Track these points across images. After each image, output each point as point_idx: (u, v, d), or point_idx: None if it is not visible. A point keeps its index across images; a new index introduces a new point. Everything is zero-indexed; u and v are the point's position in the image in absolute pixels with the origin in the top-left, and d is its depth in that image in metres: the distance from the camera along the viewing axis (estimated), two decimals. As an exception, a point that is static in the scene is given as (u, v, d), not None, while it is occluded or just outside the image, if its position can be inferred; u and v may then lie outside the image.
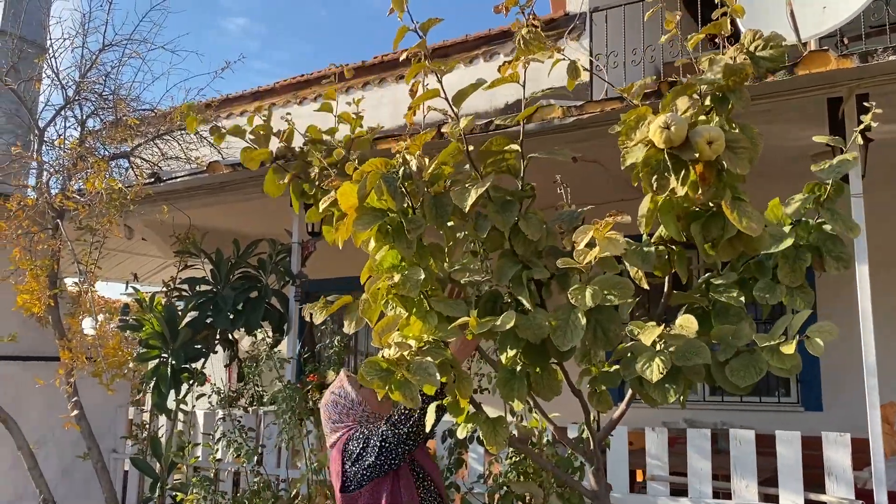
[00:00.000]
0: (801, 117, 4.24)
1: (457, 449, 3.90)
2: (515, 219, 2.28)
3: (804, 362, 5.87)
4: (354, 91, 8.25)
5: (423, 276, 2.26)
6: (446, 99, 2.33)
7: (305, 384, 4.82)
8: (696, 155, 1.99)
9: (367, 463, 2.48)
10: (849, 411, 3.47)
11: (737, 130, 2.09)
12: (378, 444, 2.49)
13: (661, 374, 2.03)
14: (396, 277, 2.27)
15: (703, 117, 2.10)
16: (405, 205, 2.33)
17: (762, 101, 3.80)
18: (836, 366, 6.07)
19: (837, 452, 3.34)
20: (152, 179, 5.37)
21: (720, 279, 2.37)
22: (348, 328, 2.46)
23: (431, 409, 2.69)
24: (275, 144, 2.94)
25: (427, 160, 2.39)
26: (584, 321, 2.09)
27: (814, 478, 3.53)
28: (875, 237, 3.53)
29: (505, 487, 3.63)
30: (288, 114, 2.98)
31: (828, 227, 2.22)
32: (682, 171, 2.08)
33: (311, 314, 2.47)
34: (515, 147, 2.42)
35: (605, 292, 2.09)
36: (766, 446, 3.68)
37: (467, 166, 2.40)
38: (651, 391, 2.15)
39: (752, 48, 2.11)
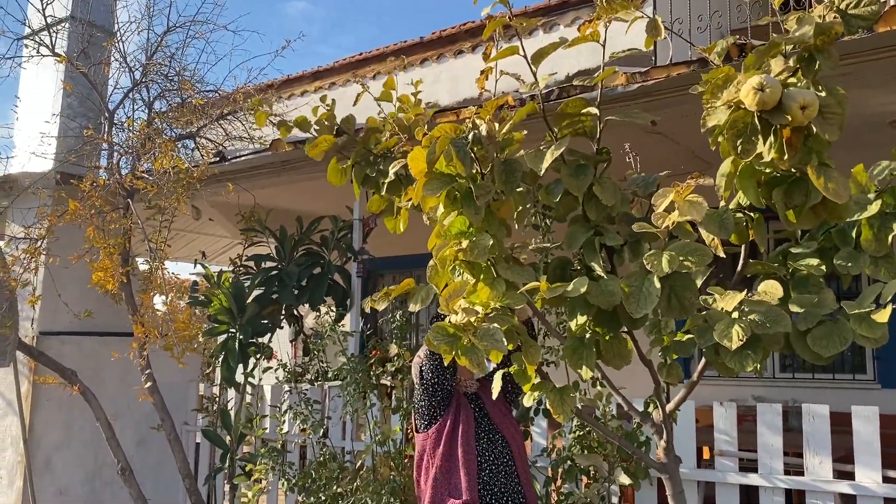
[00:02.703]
0: (880, 82, 4.04)
1: (521, 422, 3.89)
2: (590, 183, 2.23)
3: (882, 337, 5.44)
4: (413, 68, 8.24)
5: (490, 243, 2.25)
6: (525, 57, 2.30)
7: (368, 358, 4.88)
8: (789, 119, 1.90)
9: (420, 405, 3.01)
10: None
11: (823, 93, 2.00)
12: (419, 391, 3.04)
13: (741, 341, 1.97)
14: (464, 243, 2.27)
15: (792, 79, 2.01)
16: (474, 170, 2.32)
17: (840, 64, 3.64)
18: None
19: (918, 428, 3.21)
20: (217, 159, 5.48)
21: (799, 248, 2.28)
22: (413, 307, 2.47)
23: (498, 376, 2.72)
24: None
25: (498, 125, 2.36)
26: (658, 288, 2.05)
27: (890, 458, 3.39)
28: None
29: (569, 461, 3.61)
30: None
31: None
32: (771, 136, 2.00)
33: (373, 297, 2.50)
34: (594, 110, 2.37)
35: (682, 258, 2.03)
36: (838, 424, 3.56)
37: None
38: (728, 360, 2.09)
39: (842, 6, 2.00)
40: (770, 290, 2.03)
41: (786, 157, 2.00)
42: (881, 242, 2.15)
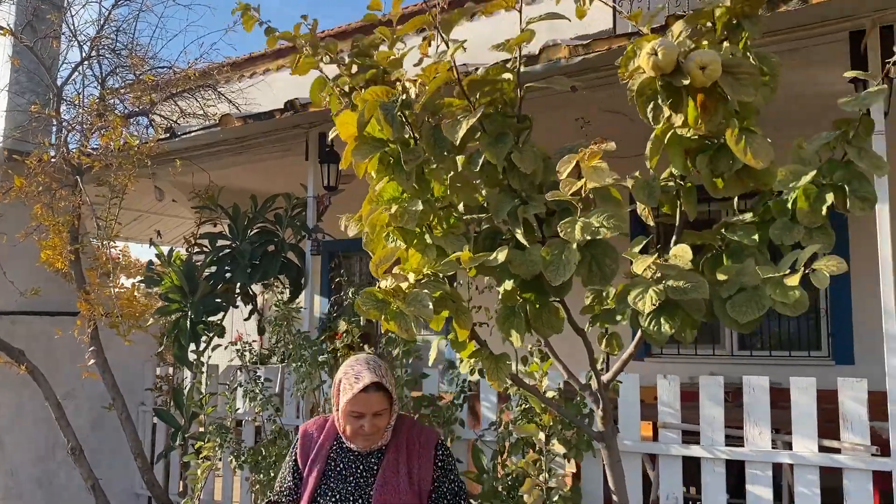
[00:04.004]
0: (827, 59, 4.06)
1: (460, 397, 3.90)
2: (508, 151, 2.21)
3: (836, 315, 5.72)
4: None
5: (421, 208, 2.23)
6: (436, 27, 2.28)
7: (322, 335, 4.85)
8: (687, 81, 1.89)
9: None
10: (882, 365, 3.39)
11: (747, 57, 1.99)
12: None
13: (654, 305, 1.96)
14: (394, 209, 2.25)
15: (704, 43, 1.99)
16: (406, 135, 2.29)
17: (783, 37, 3.65)
18: (869, 318, 5.90)
19: (853, 399, 3.25)
20: (168, 135, 5.40)
21: (735, 218, 2.28)
22: (350, 231, 2.43)
23: (435, 343, 2.71)
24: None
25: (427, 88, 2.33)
26: (577, 255, 2.03)
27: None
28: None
29: (513, 434, 3.62)
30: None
31: (855, 166, 2.11)
32: (679, 100, 1.99)
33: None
34: (508, 75, 2.34)
35: (598, 225, 2.02)
36: (789, 399, 3.58)
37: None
38: (645, 324, 2.09)
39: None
40: (680, 253, 2.04)
41: (700, 122, 1.99)
42: (816, 213, 2.16)
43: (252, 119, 4.97)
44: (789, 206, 2.15)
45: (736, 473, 3.70)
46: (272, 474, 4.18)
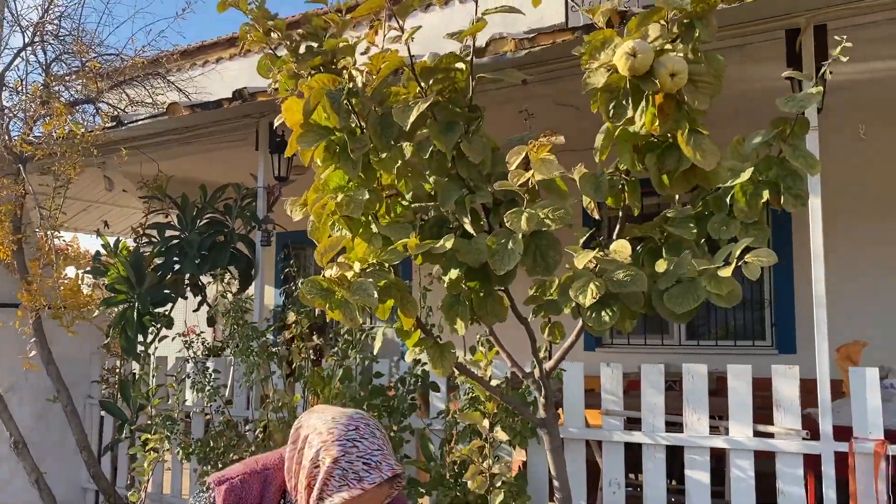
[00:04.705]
0: (770, 56, 4.17)
1: (409, 395, 3.91)
2: (458, 140, 2.24)
3: (779, 306, 5.89)
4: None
5: (367, 197, 2.24)
6: (389, 11, 2.30)
7: (275, 324, 4.84)
8: (658, 86, 1.94)
9: None
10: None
11: (702, 61, 2.04)
12: None
13: (594, 298, 2.02)
14: (339, 197, 2.26)
15: (668, 45, 2.04)
16: (352, 124, 2.30)
17: (723, 33, 3.73)
18: (810, 309, 6.07)
19: (786, 385, 3.37)
20: (114, 123, 5.31)
21: (674, 212, 2.35)
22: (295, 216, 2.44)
23: (380, 332, 2.73)
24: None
25: (374, 77, 2.34)
26: (521, 245, 2.08)
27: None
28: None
29: (460, 422, 3.66)
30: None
31: (789, 164, 2.19)
32: (641, 101, 2.04)
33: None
34: (461, 65, 2.37)
35: (543, 216, 2.07)
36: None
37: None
38: (586, 318, 2.14)
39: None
40: (620, 248, 2.10)
41: (657, 123, 2.04)
42: (752, 209, 2.24)
43: (200, 108, 4.91)
44: (727, 201, 2.23)
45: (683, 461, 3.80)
46: (220, 465, 4.16)
